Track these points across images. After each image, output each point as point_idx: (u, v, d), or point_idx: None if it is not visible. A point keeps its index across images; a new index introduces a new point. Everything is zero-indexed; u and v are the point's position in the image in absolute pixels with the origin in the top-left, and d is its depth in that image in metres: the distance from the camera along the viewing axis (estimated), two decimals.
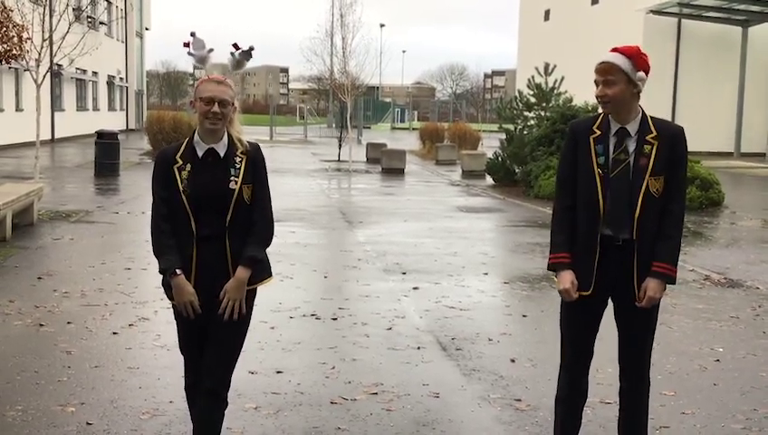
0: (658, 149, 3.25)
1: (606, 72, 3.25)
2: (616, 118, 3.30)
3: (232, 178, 3.24)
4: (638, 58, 3.26)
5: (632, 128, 3.29)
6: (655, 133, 3.27)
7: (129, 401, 4.43)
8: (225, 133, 3.30)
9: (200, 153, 3.27)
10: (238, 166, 3.26)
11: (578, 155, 3.34)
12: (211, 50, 3.40)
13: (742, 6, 31.29)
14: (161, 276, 3.30)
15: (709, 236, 11.62)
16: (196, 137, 3.29)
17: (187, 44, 3.36)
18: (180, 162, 3.25)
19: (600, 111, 3.35)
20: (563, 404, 3.54)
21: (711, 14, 32.49)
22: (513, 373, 5.10)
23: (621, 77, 3.24)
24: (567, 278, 3.31)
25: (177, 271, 3.20)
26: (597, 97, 3.29)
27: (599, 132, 3.32)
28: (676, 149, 3.28)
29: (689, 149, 3.38)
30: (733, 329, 6.36)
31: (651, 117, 3.34)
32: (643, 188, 3.23)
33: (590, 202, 3.28)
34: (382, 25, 68.11)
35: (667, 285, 3.34)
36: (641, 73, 3.28)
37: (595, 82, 3.29)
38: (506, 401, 4.60)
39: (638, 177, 3.24)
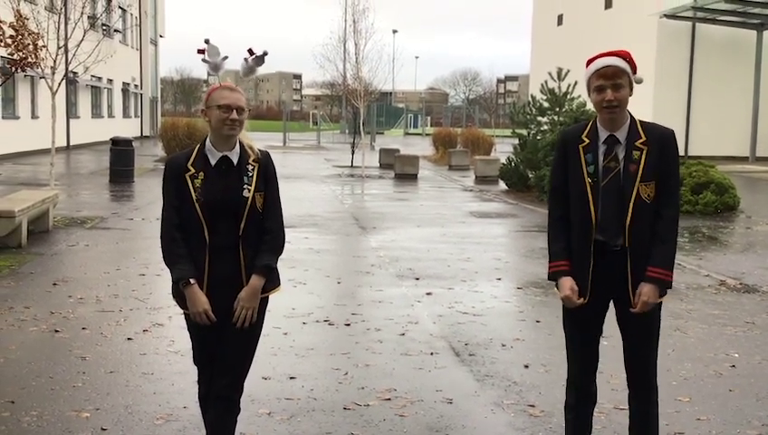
0: (648, 154, 3.22)
1: (615, 76, 3.20)
2: (611, 124, 3.26)
3: (245, 186, 3.23)
4: (632, 61, 3.26)
5: (621, 134, 3.26)
6: (644, 138, 3.24)
7: (143, 406, 4.45)
8: (237, 140, 3.30)
9: (213, 161, 3.25)
10: (251, 174, 3.26)
11: (568, 164, 3.34)
12: (225, 57, 3.42)
13: (756, 10, 31.13)
14: (173, 289, 3.31)
15: (725, 241, 11.54)
16: (208, 144, 3.28)
17: (201, 51, 3.38)
18: (192, 170, 3.23)
19: (601, 116, 3.28)
20: (573, 410, 3.53)
21: (725, 17, 32.33)
22: (526, 379, 5.09)
23: (626, 80, 3.23)
24: (567, 285, 3.31)
25: (191, 281, 3.20)
26: (605, 102, 3.20)
27: (587, 141, 3.30)
28: (665, 153, 3.24)
29: (704, 154, 3.35)
30: (748, 335, 6.31)
31: (641, 121, 3.30)
32: (633, 194, 3.21)
33: (582, 211, 3.28)
34: (395, 31, 68.35)
35: (684, 291, 3.33)
36: (639, 76, 3.27)
37: (599, 87, 3.22)
38: (520, 408, 4.58)
39: (628, 184, 3.22)
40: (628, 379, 3.45)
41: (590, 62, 3.30)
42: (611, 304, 3.41)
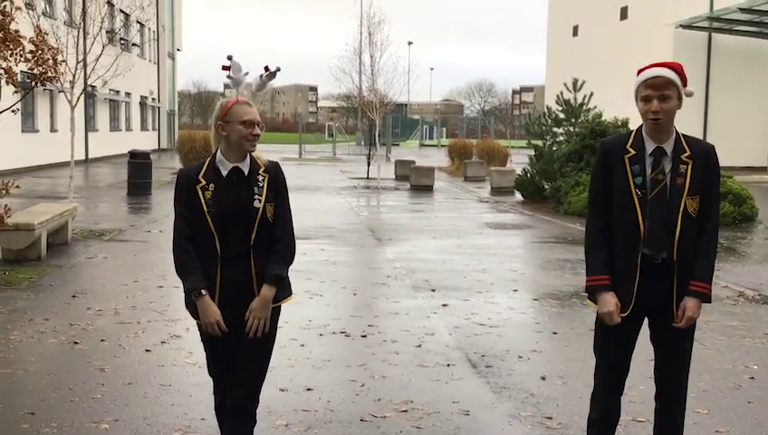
0: (693, 168, 3.21)
1: (663, 87, 3.17)
2: (657, 136, 3.23)
3: (255, 196, 3.27)
4: (683, 73, 3.23)
5: (668, 147, 3.23)
6: (689, 152, 3.22)
7: (161, 417, 4.48)
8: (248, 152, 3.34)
9: (224, 172, 3.29)
10: (261, 184, 3.30)
11: (612, 175, 3.28)
12: (247, 73, 3.47)
13: None
14: (186, 297, 3.34)
15: (743, 252, 11.46)
16: (220, 156, 3.32)
17: (226, 68, 3.43)
18: (203, 182, 3.27)
19: (647, 126, 3.25)
20: (598, 425, 3.49)
21: (741, 27, 32.20)
22: (543, 391, 5.07)
23: (675, 92, 3.19)
24: (611, 301, 3.26)
25: (203, 292, 3.23)
26: (651, 112, 3.18)
27: (633, 152, 3.25)
28: (709, 168, 3.23)
29: (721, 164, 3.34)
30: (767, 346, 6.26)
31: (683, 135, 3.29)
32: (681, 208, 3.19)
33: (630, 223, 3.23)
34: (410, 43, 68.61)
35: (703, 302, 3.31)
36: (689, 89, 3.24)
37: (646, 97, 3.19)
38: (537, 420, 4.57)
39: (675, 197, 3.20)
40: (658, 392, 3.41)
41: (641, 71, 3.28)
42: (647, 319, 3.39)
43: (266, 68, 3.63)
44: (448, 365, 5.60)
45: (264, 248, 3.29)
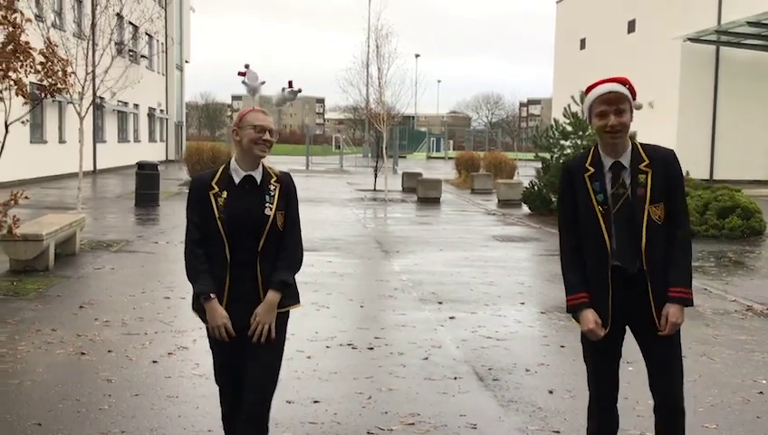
0: (653, 176, 3.25)
1: (618, 101, 3.24)
2: (614, 150, 3.29)
3: (267, 204, 3.33)
4: (632, 87, 3.31)
5: (625, 160, 3.29)
6: (647, 161, 3.27)
7: (168, 429, 4.47)
8: (261, 162, 3.41)
9: (237, 180, 3.36)
10: (273, 193, 3.36)
11: (576, 194, 3.35)
12: (263, 82, 3.54)
13: None
14: (193, 303, 3.39)
15: (751, 266, 11.41)
16: (234, 164, 3.39)
17: (242, 74, 3.50)
18: (216, 189, 3.34)
19: (603, 141, 3.31)
20: None
21: (749, 41, 32.20)
22: (551, 405, 5.05)
23: (628, 106, 3.27)
24: (590, 318, 3.30)
25: (212, 295, 3.28)
26: (608, 127, 3.23)
27: (592, 169, 3.31)
28: (670, 174, 3.27)
29: (731, 178, 3.38)
30: None
31: (641, 144, 3.34)
32: (645, 218, 3.23)
33: (596, 240, 3.29)
34: (417, 56, 68.87)
35: (710, 316, 3.32)
36: (638, 102, 3.31)
37: (602, 112, 3.25)
38: (544, 433, 4.55)
39: (638, 208, 3.24)
40: (656, 405, 3.41)
41: (590, 88, 3.35)
42: (631, 332, 3.40)
43: (290, 83, 3.65)
44: (455, 378, 5.59)
45: (272, 256, 3.34)
